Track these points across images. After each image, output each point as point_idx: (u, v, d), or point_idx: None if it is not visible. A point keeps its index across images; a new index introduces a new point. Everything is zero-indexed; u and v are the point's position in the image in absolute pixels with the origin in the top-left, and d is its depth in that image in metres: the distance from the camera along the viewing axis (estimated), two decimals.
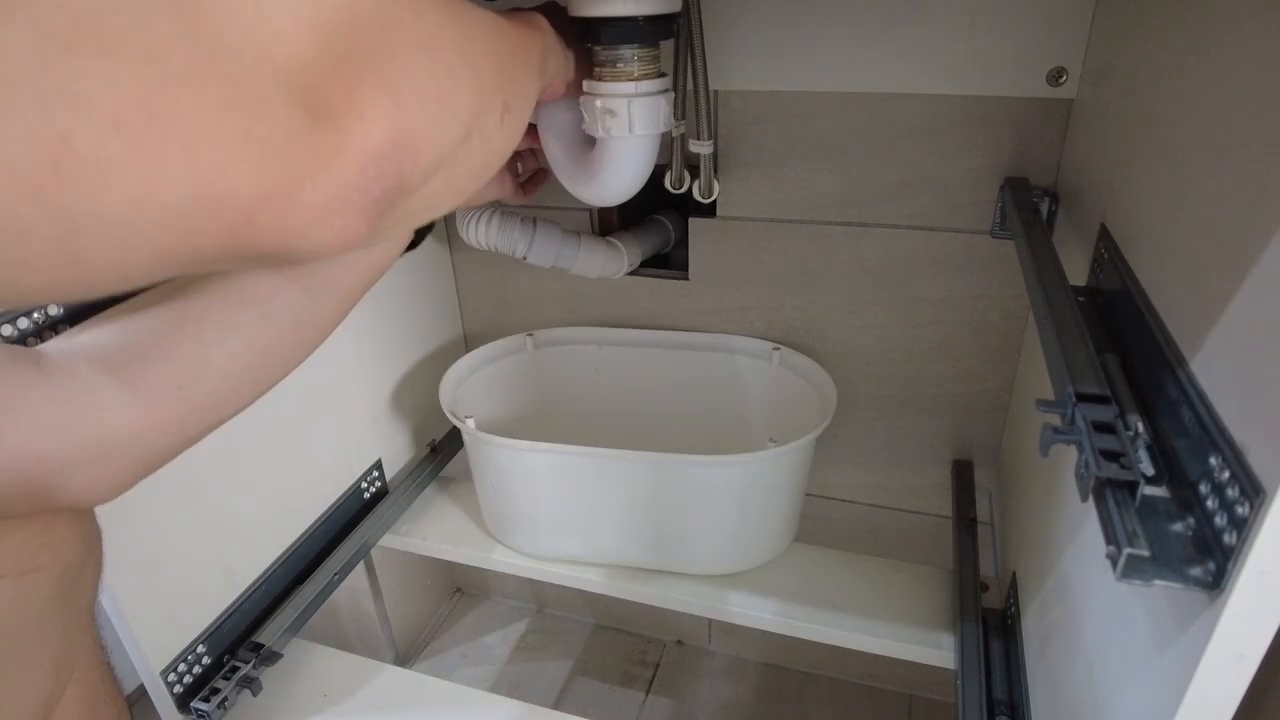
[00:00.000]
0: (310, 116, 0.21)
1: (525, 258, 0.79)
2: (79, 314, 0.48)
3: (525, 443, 0.70)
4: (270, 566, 0.71)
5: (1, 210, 0.16)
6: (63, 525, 0.36)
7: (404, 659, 1.06)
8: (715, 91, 0.74)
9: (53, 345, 0.37)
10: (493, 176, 0.39)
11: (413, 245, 0.49)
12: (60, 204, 0.16)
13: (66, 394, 0.34)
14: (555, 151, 0.63)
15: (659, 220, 0.88)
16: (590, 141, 0.61)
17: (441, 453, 0.93)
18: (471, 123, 0.30)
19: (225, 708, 0.63)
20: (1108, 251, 0.48)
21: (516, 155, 0.68)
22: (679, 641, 1.11)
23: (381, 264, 0.44)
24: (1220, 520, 0.27)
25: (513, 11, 0.44)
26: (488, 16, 0.36)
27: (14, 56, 0.15)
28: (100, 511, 0.39)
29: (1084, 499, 0.31)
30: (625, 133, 0.56)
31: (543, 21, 0.46)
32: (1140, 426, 0.34)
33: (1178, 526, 0.30)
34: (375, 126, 0.23)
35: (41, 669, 0.37)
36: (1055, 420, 0.34)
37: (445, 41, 0.29)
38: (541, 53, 0.45)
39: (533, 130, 0.62)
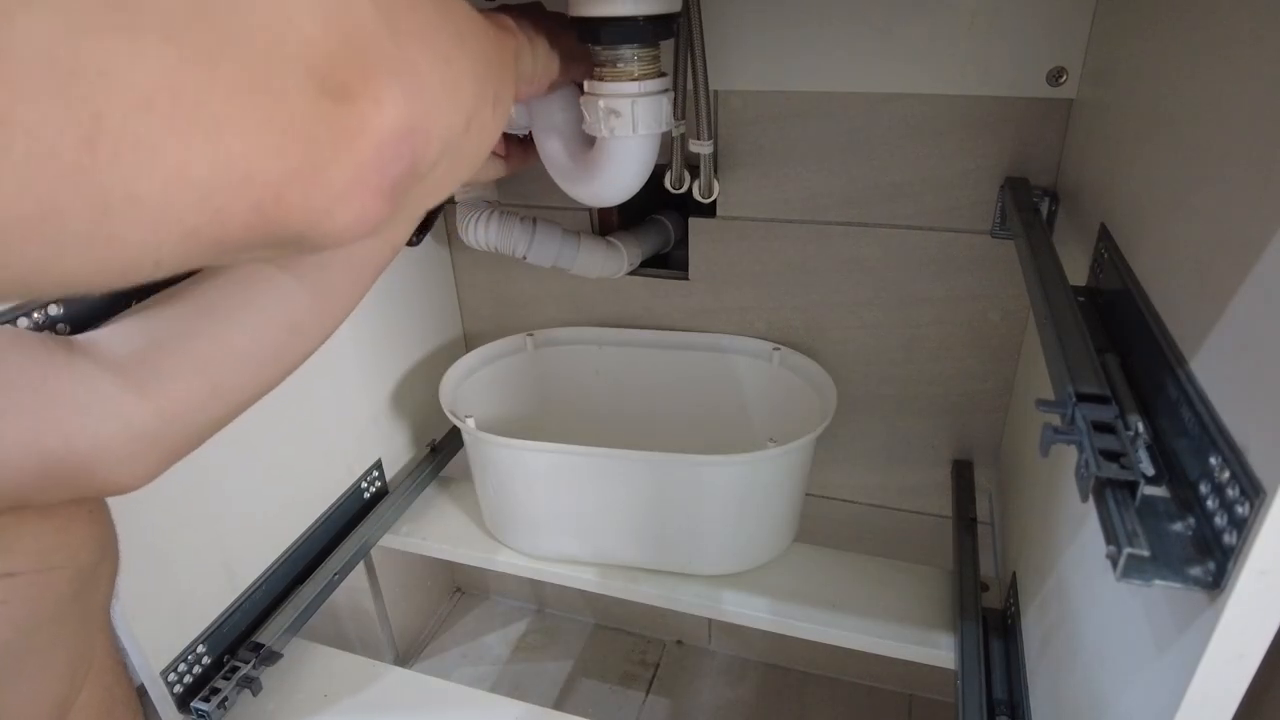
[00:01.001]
0: (328, 100, 0.22)
1: (525, 258, 0.79)
2: (81, 315, 0.48)
3: (525, 442, 0.70)
4: (270, 566, 0.71)
5: (38, 190, 0.16)
6: (80, 524, 0.37)
7: (404, 659, 1.06)
8: (715, 91, 0.74)
9: (81, 335, 0.37)
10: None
11: (414, 243, 0.50)
12: (95, 184, 0.17)
13: (95, 378, 0.35)
14: (553, 152, 0.63)
15: (659, 220, 0.88)
16: (588, 142, 0.61)
17: (441, 453, 0.93)
18: (472, 111, 0.31)
19: (225, 708, 0.63)
20: (1108, 251, 0.48)
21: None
22: (679, 641, 1.11)
23: (396, 243, 0.44)
24: (1220, 520, 0.27)
25: (483, 13, 0.44)
26: (467, 9, 0.37)
27: (47, 38, 0.15)
28: None
29: (1084, 499, 0.31)
30: (629, 132, 0.57)
31: (509, 22, 0.47)
32: (1140, 426, 0.34)
33: (1178, 526, 0.30)
34: (390, 110, 0.24)
35: (57, 670, 0.38)
36: (1055, 420, 0.34)
37: (442, 32, 0.29)
38: (514, 52, 0.46)
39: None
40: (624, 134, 0.57)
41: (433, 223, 0.83)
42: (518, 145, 0.68)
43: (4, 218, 0.16)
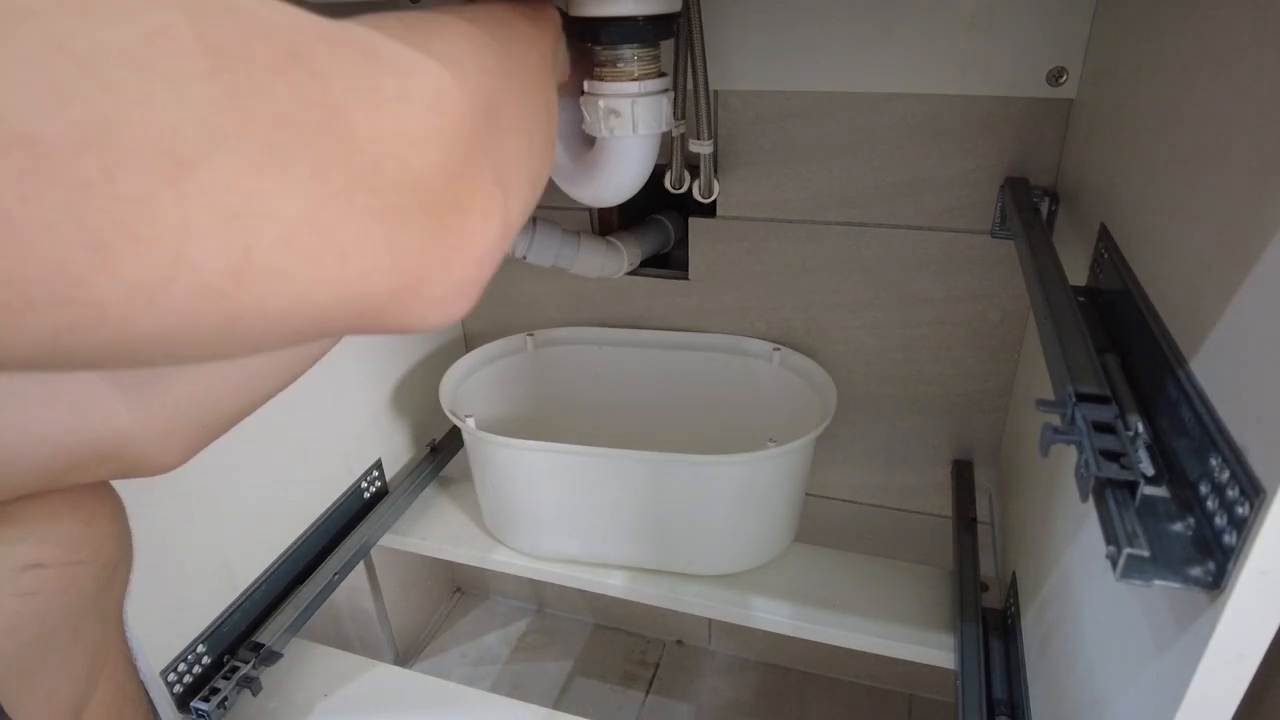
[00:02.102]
0: (440, 220, 0.23)
1: (525, 257, 0.79)
2: None
3: (525, 442, 0.70)
4: (270, 566, 0.71)
5: (184, 308, 0.17)
6: (104, 520, 0.38)
7: (404, 659, 1.06)
8: (715, 91, 0.74)
9: None
10: None
11: None
12: (231, 305, 0.18)
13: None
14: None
15: (659, 220, 0.88)
16: (588, 142, 0.61)
17: (441, 453, 0.93)
18: (540, 178, 0.33)
19: (225, 707, 0.63)
20: (1108, 251, 0.48)
21: None
22: (679, 641, 1.11)
23: None
24: (1220, 520, 0.27)
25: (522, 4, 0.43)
26: (527, 37, 0.37)
27: (218, 180, 0.17)
28: None
29: (1084, 499, 0.31)
30: (629, 132, 0.57)
31: (554, 11, 0.46)
32: (1140, 426, 0.34)
33: (1178, 526, 0.30)
34: (494, 222, 0.25)
35: (76, 664, 0.38)
36: (1055, 420, 0.34)
37: (526, 110, 0.31)
38: (554, 43, 0.46)
39: None
40: (624, 134, 0.57)
41: None
42: None
43: (154, 332, 0.17)
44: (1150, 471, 0.32)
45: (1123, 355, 0.41)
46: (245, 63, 0.17)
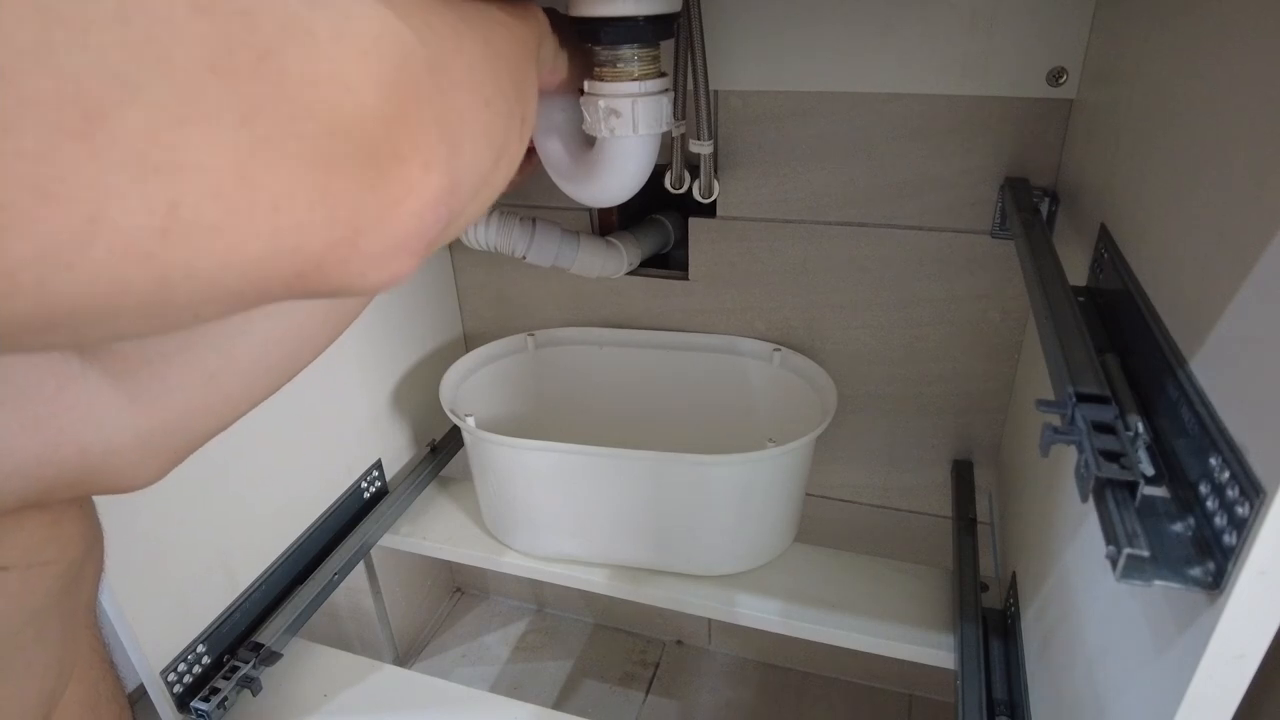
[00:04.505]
0: (376, 169, 0.22)
1: (525, 257, 0.79)
2: None
3: (525, 441, 0.70)
4: (270, 566, 0.71)
5: (111, 271, 0.16)
6: (70, 520, 0.37)
7: (404, 659, 1.06)
8: (715, 91, 0.74)
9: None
10: None
11: None
12: (160, 264, 0.17)
13: (106, 389, 0.35)
14: (552, 153, 0.63)
15: (659, 220, 0.88)
16: (588, 142, 0.61)
17: (441, 452, 0.93)
18: (501, 148, 0.31)
19: (225, 708, 0.63)
20: (1108, 251, 0.48)
21: None
22: (679, 641, 1.11)
23: None
24: (1220, 520, 0.27)
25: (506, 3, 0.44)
26: (500, 20, 0.36)
27: (134, 133, 0.16)
28: (101, 511, 0.39)
29: (1084, 499, 0.31)
30: (629, 132, 0.57)
31: (537, 9, 0.46)
32: (1140, 427, 0.34)
33: (1178, 527, 0.30)
34: (435, 174, 0.24)
35: (42, 666, 0.38)
36: (1055, 420, 0.34)
37: (483, 73, 0.30)
38: (538, 41, 0.46)
39: None
40: (624, 134, 0.57)
41: None
42: (525, 156, 0.68)
43: (78, 302, 0.16)
44: (1150, 471, 0.32)
45: (1123, 355, 0.41)
46: (161, 2, 0.16)
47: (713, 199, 0.76)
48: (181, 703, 0.62)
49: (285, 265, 0.20)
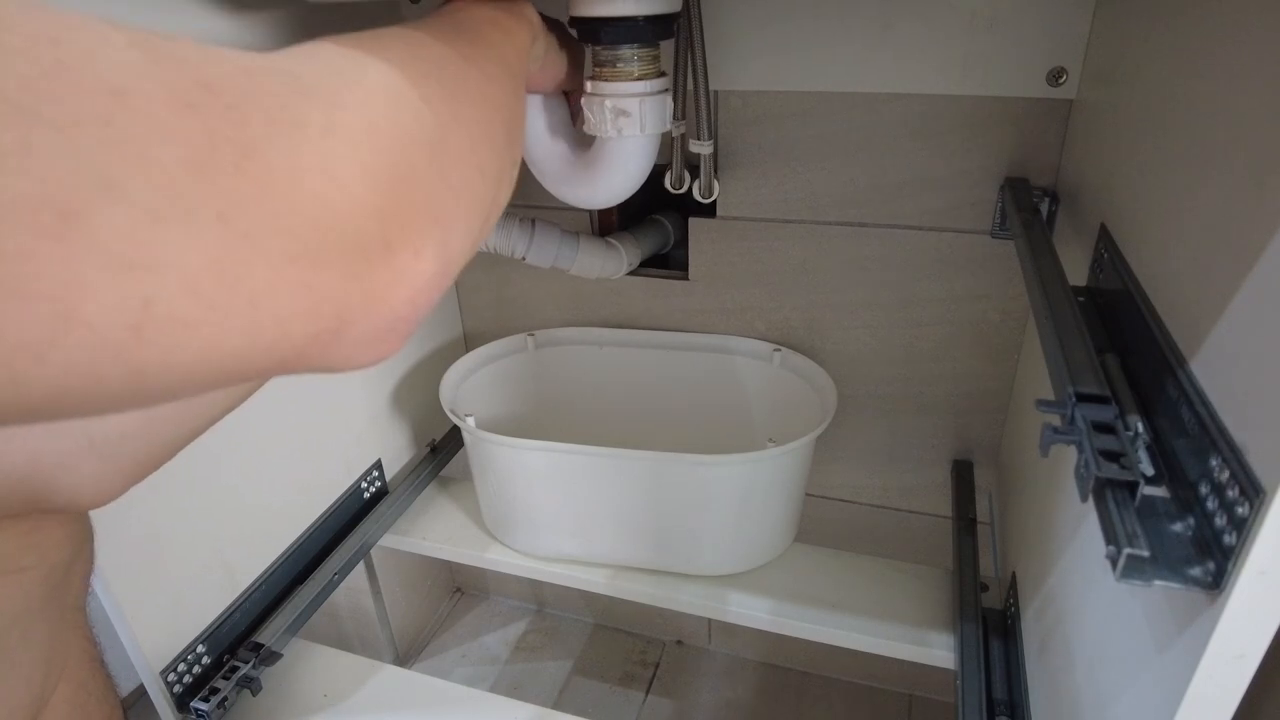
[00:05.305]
0: (364, 260, 0.21)
1: (524, 258, 0.79)
2: None
3: (525, 441, 0.70)
4: (270, 566, 0.71)
5: (84, 366, 0.17)
6: (51, 526, 0.37)
7: (404, 659, 1.06)
8: (715, 91, 0.74)
9: None
10: None
11: None
12: (135, 359, 0.17)
13: None
14: (540, 155, 0.62)
15: (659, 220, 0.88)
16: (581, 144, 0.61)
17: (441, 452, 0.93)
18: (493, 202, 0.31)
19: (225, 708, 0.62)
20: (1108, 251, 0.48)
21: None
22: (679, 641, 1.11)
23: None
24: (1220, 520, 0.27)
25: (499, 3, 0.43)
26: (496, 21, 0.36)
27: (109, 232, 0.16)
28: (100, 511, 0.39)
29: (1084, 499, 0.31)
30: (637, 132, 0.56)
31: (529, 6, 0.46)
32: (1140, 426, 0.34)
33: (1178, 527, 0.30)
34: (426, 261, 0.24)
35: (29, 668, 0.37)
36: (1055, 420, 0.34)
37: (479, 136, 0.29)
38: (531, 38, 0.45)
39: None
40: (632, 134, 0.57)
41: None
42: None
43: (51, 390, 0.17)
44: (1150, 471, 0.32)
45: (1123, 355, 0.41)
46: (146, 101, 0.17)
47: (713, 199, 0.76)
48: (181, 703, 0.62)
49: (267, 355, 0.20)
